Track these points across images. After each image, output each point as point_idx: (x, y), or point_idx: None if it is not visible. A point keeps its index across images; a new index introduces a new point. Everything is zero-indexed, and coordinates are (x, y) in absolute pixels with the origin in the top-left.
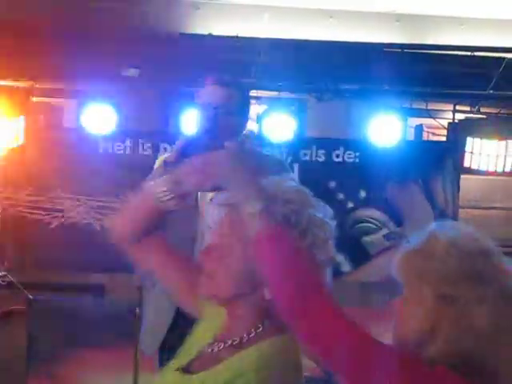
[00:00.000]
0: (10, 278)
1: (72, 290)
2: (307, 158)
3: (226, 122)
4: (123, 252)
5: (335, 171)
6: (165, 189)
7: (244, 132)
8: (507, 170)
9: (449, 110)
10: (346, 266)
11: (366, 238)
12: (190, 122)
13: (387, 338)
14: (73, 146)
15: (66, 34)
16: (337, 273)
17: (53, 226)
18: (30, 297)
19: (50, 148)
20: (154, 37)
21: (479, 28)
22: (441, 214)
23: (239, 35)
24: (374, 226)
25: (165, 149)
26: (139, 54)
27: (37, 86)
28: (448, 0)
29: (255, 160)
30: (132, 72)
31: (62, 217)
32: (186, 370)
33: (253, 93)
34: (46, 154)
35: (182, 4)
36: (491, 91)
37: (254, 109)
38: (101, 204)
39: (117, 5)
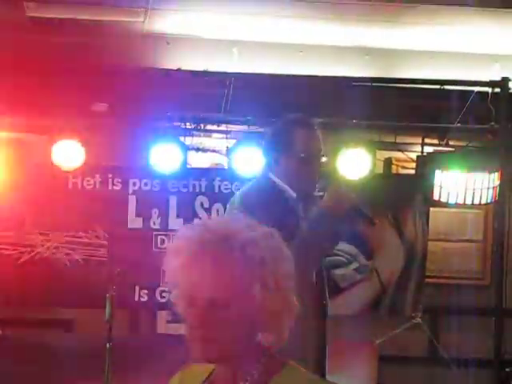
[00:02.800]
0: None
1: (41, 326)
2: None
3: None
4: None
5: None
6: None
7: None
8: (476, 202)
9: (417, 144)
10: None
11: (337, 272)
12: (159, 156)
13: (359, 369)
14: (42, 182)
15: (34, 69)
16: None
17: (21, 261)
18: None
19: (19, 183)
20: (123, 71)
21: (448, 61)
22: (410, 247)
23: (209, 69)
24: (345, 260)
25: (134, 184)
26: (107, 89)
27: (5, 120)
28: (418, 34)
29: None
30: (100, 107)
31: (31, 252)
32: None
33: (222, 127)
34: (15, 190)
35: (151, 38)
36: (459, 124)
37: (224, 143)
38: (70, 239)
39: (85, 39)
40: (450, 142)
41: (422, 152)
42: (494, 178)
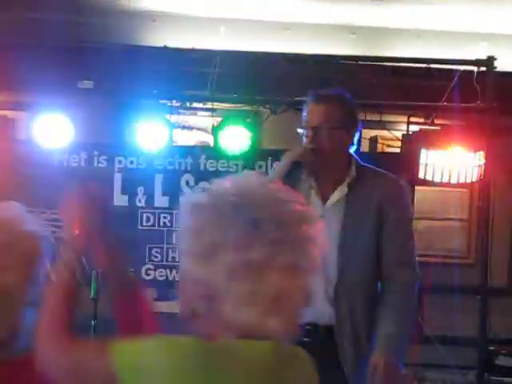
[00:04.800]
0: None
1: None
2: (263, 169)
3: (328, 140)
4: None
5: None
6: None
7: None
8: (461, 181)
9: (403, 122)
10: None
11: None
12: (145, 134)
13: None
14: (27, 159)
15: (19, 45)
16: None
17: None
18: None
19: (3, 161)
20: (109, 48)
21: (435, 40)
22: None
23: (195, 47)
24: None
25: (119, 162)
26: (94, 66)
27: None
28: (404, 12)
29: None
30: (86, 84)
31: None
32: None
33: (208, 105)
34: (1, 167)
35: (137, 16)
36: (445, 103)
37: (209, 121)
38: (56, 217)
39: (72, 16)
40: (436, 121)
41: (408, 131)
42: (479, 157)
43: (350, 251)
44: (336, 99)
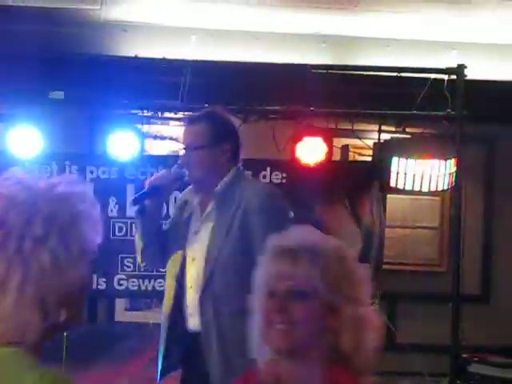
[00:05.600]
0: None
1: None
2: None
3: (194, 160)
4: None
5: None
6: None
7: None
8: (432, 189)
9: (374, 131)
10: None
11: None
12: (116, 144)
13: None
14: None
15: None
16: None
17: None
18: None
19: None
20: (80, 59)
21: (405, 49)
22: (367, 234)
23: (166, 57)
24: None
25: (91, 172)
26: (65, 76)
27: None
28: (375, 21)
29: None
30: (57, 94)
31: None
32: None
33: (180, 115)
34: None
35: (109, 26)
36: (415, 111)
37: (181, 130)
38: None
39: (43, 27)
40: (407, 129)
41: (379, 139)
42: (451, 165)
43: (215, 262)
44: (203, 120)
